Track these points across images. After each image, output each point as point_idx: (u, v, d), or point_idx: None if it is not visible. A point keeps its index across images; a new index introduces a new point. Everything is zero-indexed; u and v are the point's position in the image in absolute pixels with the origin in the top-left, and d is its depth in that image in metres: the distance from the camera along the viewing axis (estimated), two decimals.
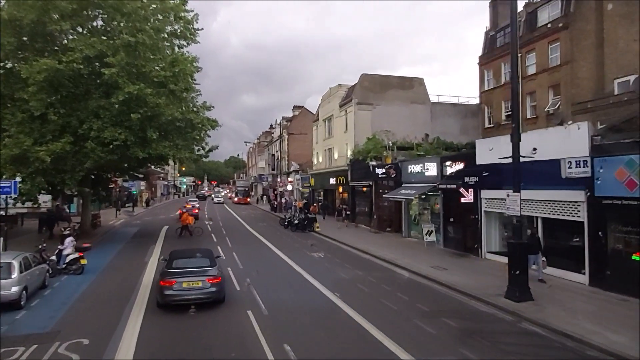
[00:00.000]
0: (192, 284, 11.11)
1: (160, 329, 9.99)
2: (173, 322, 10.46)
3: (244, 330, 9.78)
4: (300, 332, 9.65)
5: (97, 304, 12.03)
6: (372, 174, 28.72)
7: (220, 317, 10.73)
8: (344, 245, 22.76)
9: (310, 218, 29.51)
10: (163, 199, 77.67)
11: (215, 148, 26.03)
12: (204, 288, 11.14)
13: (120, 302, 12.10)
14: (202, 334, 9.59)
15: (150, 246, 22.15)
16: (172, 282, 11.05)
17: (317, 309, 11.45)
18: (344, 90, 37.38)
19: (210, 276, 11.35)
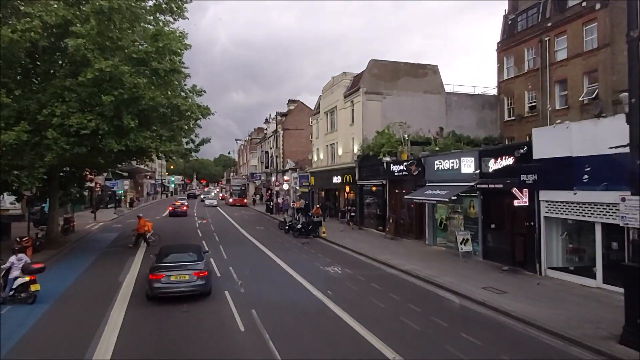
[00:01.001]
0: (180, 277, 11.72)
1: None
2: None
3: None
4: None
5: (42, 353, 8.36)
6: (385, 171, 25.28)
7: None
8: (360, 256, 19.24)
9: (315, 222, 25.96)
10: (149, 199, 73.30)
11: (207, 141, 22.33)
12: (191, 281, 11.74)
13: (77, 347, 8.47)
14: None
15: (129, 258, 18.40)
16: (160, 275, 11.62)
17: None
18: (349, 79, 33.84)
19: (197, 270, 11.99)
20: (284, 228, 27.96)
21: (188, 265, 12.15)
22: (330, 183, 35.25)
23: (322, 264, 17.19)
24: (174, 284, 11.59)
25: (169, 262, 12.36)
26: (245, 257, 18.71)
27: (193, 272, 11.85)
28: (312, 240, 24.66)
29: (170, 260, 12.49)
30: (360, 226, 29.63)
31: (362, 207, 29.89)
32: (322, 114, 38.44)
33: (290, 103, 64.22)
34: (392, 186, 25.04)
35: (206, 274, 12.11)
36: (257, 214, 44.39)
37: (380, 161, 26.03)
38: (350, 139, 32.47)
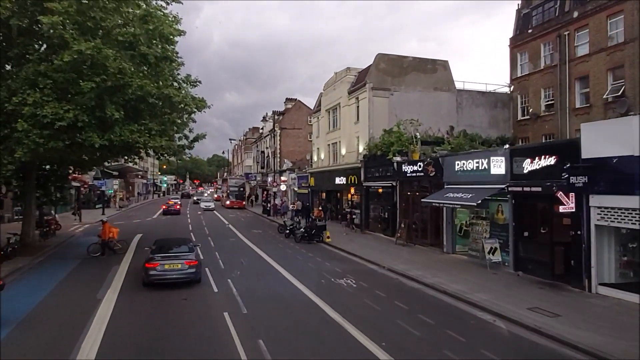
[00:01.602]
0: (173, 266, 13.08)
1: None
2: None
3: None
4: None
5: None
6: (396, 172, 23.35)
7: None
8: (373, 265, 17.25)
9: (320, 226, 23.93)
10: (141, 199, 70.73)
11: (203, 137, 20.21)
12: (183, 269, 13.09)
13: None
14: None
15: (112, 267, 16.24)
16: (155, 264, 13.00)
17: None
18: (353, 75, 31.89)
19: (188, 259, 13.35)
20: (285, 232, 25.92)
21: (180, 255, 13.62)
22: (332, 184, 33.26)
23: (332, 275, 15.16)
24: (168, 271, 13.02)
25: (163, 252, 13.73)
26: (245, 267, 16.62)
27: (185, 261, 13.28)
28: (315, 246, 22.64)
29: (165, 251, 13.90)
30: (364, 230, 27.68)
31: (368, 209, 27.92)
32: (324, 112, 36.44)
33: (287, 101, 62.17)
34: (404, 188, 23.09)
35: (196, 263, 13.49)
36: (254, 216, 42.27)
37: (389, 161, 24.09)
38: (354, 138, 30.50)
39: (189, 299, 12.01)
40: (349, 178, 29.31)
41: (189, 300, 11.95)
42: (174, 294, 12.49)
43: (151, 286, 12.92)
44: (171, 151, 18.85)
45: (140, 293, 12.70)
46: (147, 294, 12.55)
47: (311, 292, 12.81)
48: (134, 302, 11.78)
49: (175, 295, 12.38)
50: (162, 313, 10.90)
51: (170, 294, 12.48)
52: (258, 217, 41.27)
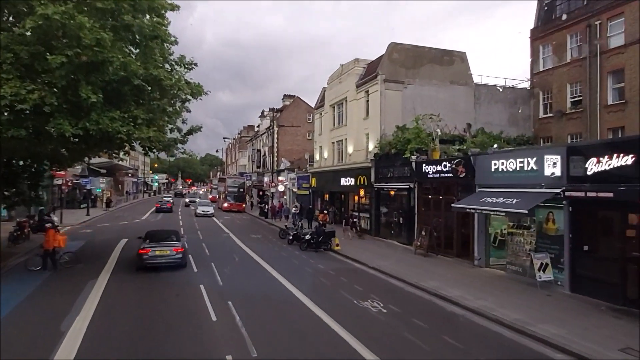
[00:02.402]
0: (162, 252, 15.35)
1: None
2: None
3: None
4: None
5: None
6: (415, 172, 20.88)
7: None
8: (397, 281, 14.70)
9: (328, 232, 21.37)
10: (130, 198, 67.54)
11: (198, 130, 17.49)
12: (171, 255, 15.41)
13: None
14: None
15: (88, 282, 13.53)
16: (147, 250, 15.22)
17: None
18: (362, 67, 29.39)
19: (176, 247, 15.67)
20: (287, 238, 23.34)
21: (169, 244, 15.74)
22: (337, 185, 30.72)
23: (354, 295, 12.59)
24: (158, 257, 15.13)
25: (154, 241, 15.81)
26: (248, 284, 13.99)
27: (173, 248, 15.46)
28: (324, 255, 20.10)
29: (155, 240, 15.98)
30: (375, 236, 25.19)
31: (379, 214, 25.40)
32: (328, 107, 33.89)
33: (285, 98, 59.55)
34: (424, 191, 20.60)
35: (182, 250, 15.71)
36: (250, 218, 39.59)
37: (406, 160, 21.62)
38: (363, 135, 28.00)
39: (178, 330, 9.38)
40: (358, 179, 26.79)
41: (180, 332, 9.33)
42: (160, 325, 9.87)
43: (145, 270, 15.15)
44: (161, 145, 16.14)
45: (118, 323, 10.04)
46: (125, 325, 9.89)
47: (334, 320, 10.22)
48: (109, 337, 9.11)
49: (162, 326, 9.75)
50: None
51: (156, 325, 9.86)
52: (255, 220, 38.58)
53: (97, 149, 16.50)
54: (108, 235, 25.02)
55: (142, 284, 13.64)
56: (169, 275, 14.90)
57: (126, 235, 25.04)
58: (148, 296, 12.22)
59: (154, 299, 11.95)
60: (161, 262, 15.24)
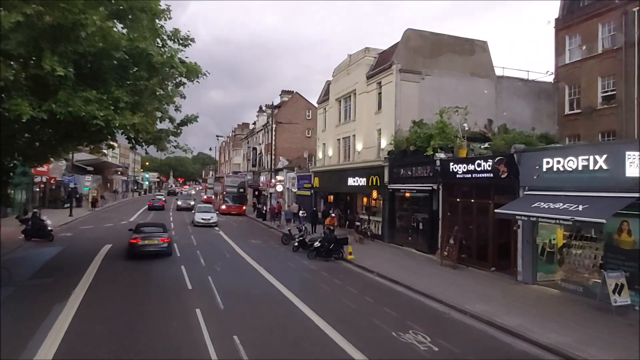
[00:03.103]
0: (151, 242, 17.51)
1: None
2: None
3: None
4: None
5: None
6: (440, 172, 18.46)
7: None
8: (434, 302, 12.20)
9: (340, 239, 18.84)
10: (119, 197, 64.30)
11: (194, 119, 14.84)
12: (158, 244, 17.58)
13: None
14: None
15: (56, 304, 10.84)
16: (138, 239, 17.36)
17: None
18: (372, 56, 26.91)
19: (162, 237, 17.86)
20: (292, 244, 20.82)
21: (156, 234, 18.06)
22: (344, 186, 28.21)
23: (389, 324, 10.06)
24: (147, 245, 17.42)
25: (143, 232, 18.17)
26: (256, 307, 11.40)
27: (160, 238, 17.82)
28: (336, 265, 17.61)
29: (145, 231, 18.35)
30: (389, 242, 22.75)
31: (393, 218, 22.93)
32: (333, 102, 31.36)
33: (284, 94, 56.90)
34: (450, 193, 18.16)
35: (168, 240, 18.12)
36: (247, 220, 36.91)
37: (427, 159, 19.19)
38: (374, 131, 25.51)
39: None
40: (370, 179, 24.28)
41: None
42: None
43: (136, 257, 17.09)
44: (149, 136, 13.48)
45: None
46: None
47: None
48: None
49: None
50: None
51: None
52: (252, 222, 35.92)
53: (71, 139, 13.68)
54: (90, 240, 22.25)
55: (125, 308, 10.99)
56: (159, 295, 12.29)
57: (110, 239, 22.30)
58: (130, 331, 9.59)
59: (140, 336, 9.32)
60: (149, 250, 17.38)
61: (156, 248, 17.41)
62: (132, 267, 15.84)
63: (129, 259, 17.28)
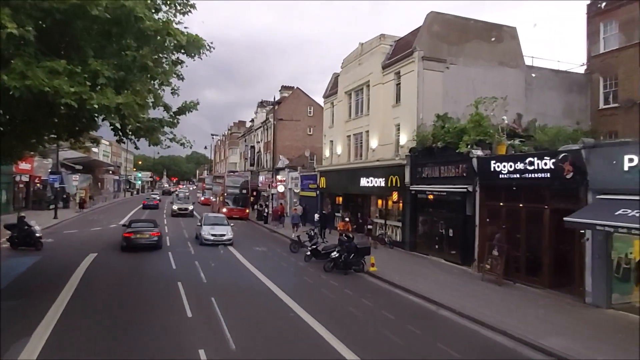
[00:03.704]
0: (142, 235, 19.05)
1: None
2: None
3: None
4: None
5: None
6: (474, 172, 16.04)
7: None
8: (494, 334, 9.72)
9: (361, 249, 16.34)
10: (110, 198, 61.20)
11: (193, 107, 12.22)
12: (149, 238, 19.08)
13: None
14: None
15: (15, 342, 8.24)
16: (131, 234, 18.88)
17: None
18: (388, 44, 24.43)
19: (153, 232, 19.42)
20: (304, 253, 18.32)
21: (147, 229, 19.66)
22: (355, 186, 25.71)
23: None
24: (139, 239, 18.87)
25: (136, 227, 19.75)
26: (275, 346, 8.86)
27: (150, 232, 19.36)
28: (358, 280, 15.17)
29: (137, 226, 19.97)
30: (411, 250, 20.32)
31: (416, 223, 20.47)
32: (342, 95, 28.84)
33: (284, 90, 54.27)
34: (490, 195, 15.71)
35: (159, 234, 19.73)
36: (247, 224, 34.19)
37: (460, 156, 16.76)
38: (391, 126, 23.04)
39: None
40: (389, 179, 21.78)
41: None
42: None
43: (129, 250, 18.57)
44: (139, 125, 10.86)
45: None
46: None
47: None
48: None
49: None
50: None
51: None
52: (253, 226, 33.32)
53: (35, 127, 10.90)
54: (72, 248, 19.55)
55: (106, 350, 8.40)
56: (151, 327, 9.70)
57: (96, 246, 19.66)
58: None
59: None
60: (141, 243, 18.86)
61: (147, 241, 19.02)
62: (118, 287, 13.21)
63: (116, 273, 14.69)
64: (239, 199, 37.30)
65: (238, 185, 37.99)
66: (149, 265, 16.35)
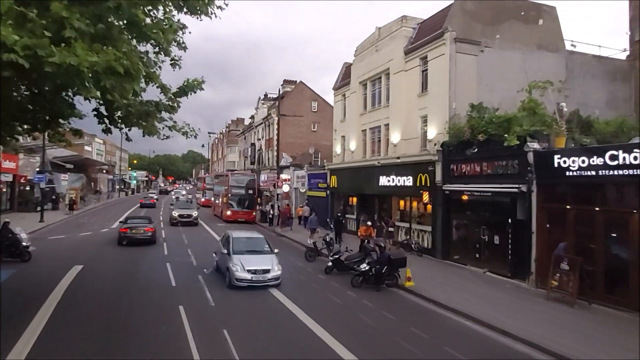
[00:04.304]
0: (137, 231, 20.21)
1: None
2: None
3: None
4: None
5: None
6: (530, 168, 13.55)
7: None
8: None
9: (396, 260, 13.78)
10: (104, 198, 58.21)
11: (199, 86, 9.72)
12: (144, 233, 20.22)
13: None
14: None
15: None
16: (127, 229, 20.17)
17: None
18: (411, 27, 21.88)
19: (148, 227, 20.61)
20: (321, 262, 15.81)
21: (142, 225, 20.82)
22: (373, 186, 23.17)
23: None
24: (134, 234, 20.08)
25: (132, 223, 21.10)
26: None
27: (145, 228, 20.50)
28: (394, 297, 12.70)
29: (133, 222, 21.33)
30: (442, 258, 17.84)
31: (448, 227, 17.97)
32: (356, 86, 26.27)
33: (286, 84, 51.59)
34: (551, 196, 13.21)
35: (153, 230, 20.76)
36: (250, 227, 31.48)
37: (509, 150, 14.27)
38: (417, 118, 20.51)
39: None
40: (418, 178, 19.24)
41: None
42: None
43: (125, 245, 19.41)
44: (134, 112, 8.30)
45: None
46: None
47: None
48: None
49: None
50: None
51: None
52: (258, 229, 30.65)
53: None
54: (55, 259, 16.91)
55: None
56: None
57: (83, 256, 17.07)
58: None
59: None
60: (136, 238, 19.98)
61: (143, 236, 20.23)
62: (105, 313, 10.61)
63: (103, 295, 12.09)
64: (245, 200, 33.34)
65: (243, 185, 34.06)
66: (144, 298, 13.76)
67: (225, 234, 15.76)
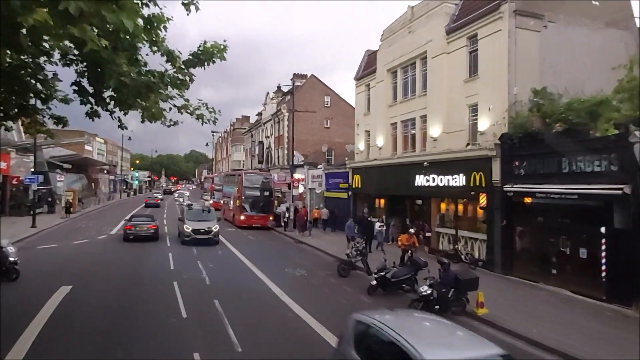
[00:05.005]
0: (141, 228, 21.51)
1: None
2: None
3: None
4: None
5: None
6: (635, 165, 10.59)
7: None
8: None
9: (464, 282, 10.86)
10: (104, 199, 55.27)
11: (220, 54, 7.02)
12: (147, 230, 21.49)
13: None
14: None
15: None
16: (131, 227, 21.53)
17: None
18: (453, 2, 18.97)
19: (151, 224, 21.86)
20: (356, 276, 12.89)
21: (146, 222, 22.12)
22: (407, 186, 20.24)
23: None
24: (138, 231, 21.36)
25: (136, 220, 22.51)
26: None
27: (148, 225, 21.76)
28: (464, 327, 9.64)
29: (137, 220, 22.59)
30: (503, 273, 14.91)
31: (511, 237, 15.02)
32: (384, 74, 23.33)
33: (296, 78, 48.63)
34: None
35: (156, 227, 22.07)
36: (266, 233, 28.42)
37: (599, 142, 11.37)
38: (463, 107, 17.58)
39: None
40: (472, 177, 16.30)
41: None
42: None
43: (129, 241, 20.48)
44: (129, 85, 5.51)
45: None
46: None
47: None
48: None
49: None
50: None
51: None
52: (273, 234, 27.73)
53: None
54: (41, 274, 14.07)
55: None
56: None
57: (74, 273, 14.23)
58: None
59: None
60: (140, 235, 21.32)
61: (146, 233, 21.38)
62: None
63: (93, 332, 9.22)
64: (260, 203, 29.63)
65: (258, 186, 30.12)
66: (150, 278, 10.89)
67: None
